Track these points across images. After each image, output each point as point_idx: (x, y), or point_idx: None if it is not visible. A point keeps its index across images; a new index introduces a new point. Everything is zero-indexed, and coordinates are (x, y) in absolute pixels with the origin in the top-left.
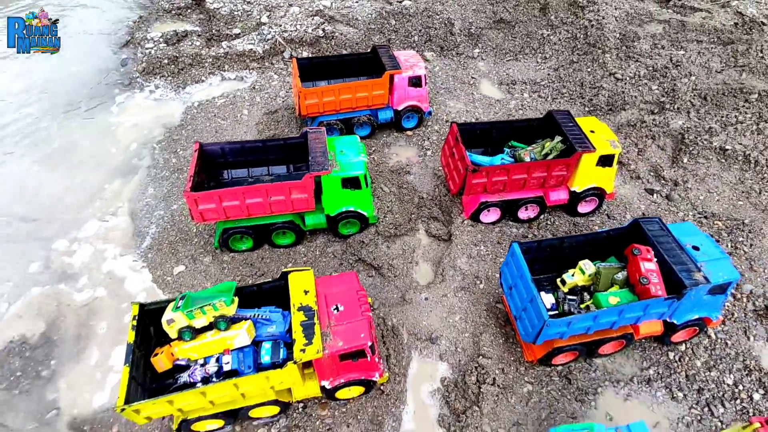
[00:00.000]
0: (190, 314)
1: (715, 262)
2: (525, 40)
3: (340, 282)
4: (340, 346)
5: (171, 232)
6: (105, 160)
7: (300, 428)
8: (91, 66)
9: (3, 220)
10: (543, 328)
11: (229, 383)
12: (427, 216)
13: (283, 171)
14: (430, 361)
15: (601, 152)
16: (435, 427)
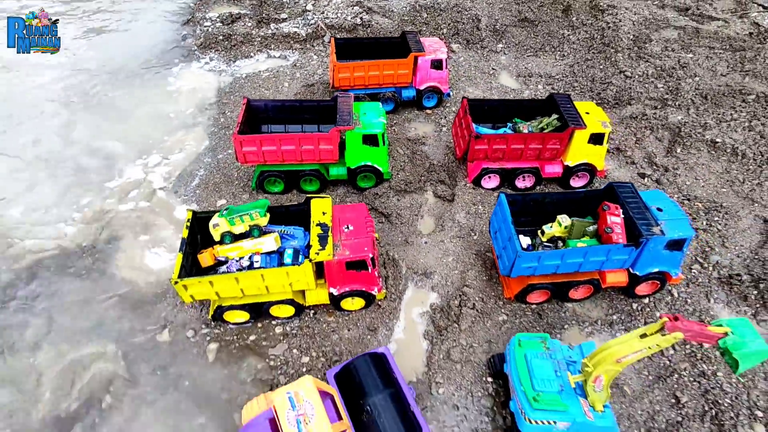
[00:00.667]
0: (231, 221)
1: (674, 221)
2: (546, 38)
3: (353, 209)
4: (346, 255)
5: (216, 175)
6: (166, 117)
7: (309, 328)
8: (157, 40)
9: (78, 155)
10: (516, 260)
11: (257, 272)
12: (436, 179)
13: (314, 130)
14: (422, 291)
15: (591, 130)
16: (420, 339)
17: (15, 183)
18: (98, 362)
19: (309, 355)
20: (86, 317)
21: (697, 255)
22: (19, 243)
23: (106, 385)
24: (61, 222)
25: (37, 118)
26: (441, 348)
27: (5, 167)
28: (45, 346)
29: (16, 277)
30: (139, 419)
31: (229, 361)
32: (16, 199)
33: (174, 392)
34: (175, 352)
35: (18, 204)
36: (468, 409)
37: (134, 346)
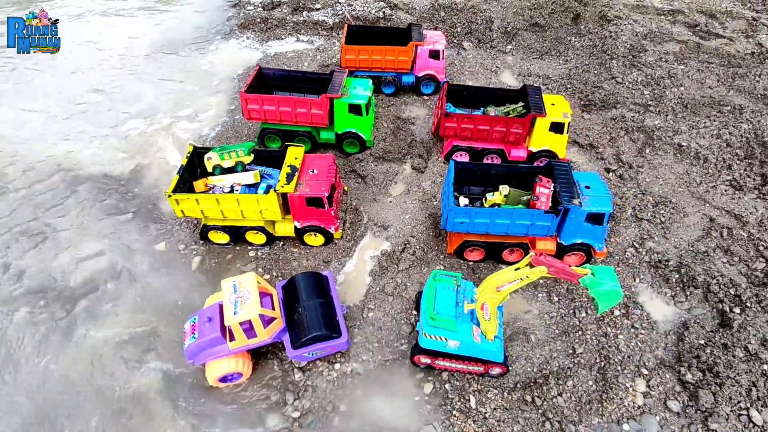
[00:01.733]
0: (221, 155)
1: (597, 198)
2: (553, 43)
3: (321, 159)
4: (306, 191)
5: (229, 131)
6: (202, 82)
7: (276, 255)
8: (204, 19)
9: (126, 105)
10: (449, 214)
11: (234, 196)
12: (416, 154)
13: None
14: (378, 239)
15: (551, 118)
16: (366, 276)
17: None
18: (107, 255)
19: (270, 274)
20: (107, 225)
21: (635, 240)
22: (76, 161)
23: (111, 269)
24: (107, 148)
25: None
26: (379, 282)
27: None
28: (72, 239)
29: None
30: (129, 294)
31: (206, 272)
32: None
33: (161, 282)
34: (167, 260)
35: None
36: (389, 331)
37: (137, 250)
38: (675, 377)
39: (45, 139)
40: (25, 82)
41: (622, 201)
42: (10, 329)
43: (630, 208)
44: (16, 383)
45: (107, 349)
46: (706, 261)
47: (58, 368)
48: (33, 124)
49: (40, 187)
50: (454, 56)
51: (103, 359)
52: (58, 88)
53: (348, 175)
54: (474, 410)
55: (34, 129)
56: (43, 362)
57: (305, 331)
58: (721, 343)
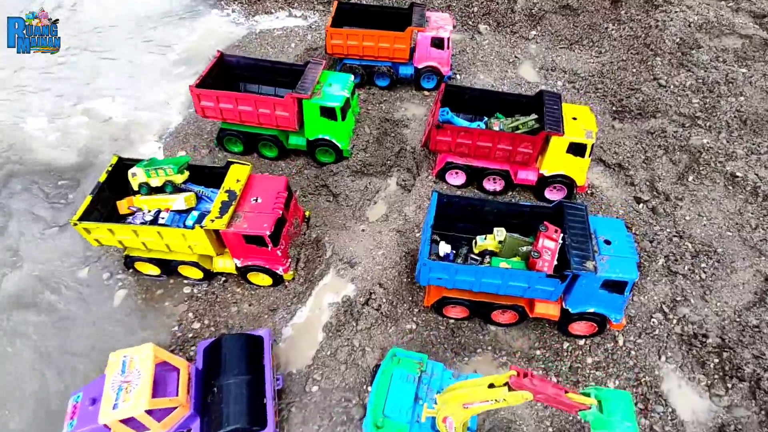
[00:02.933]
0: (147, 173)
1: (619, 260)
2: (586, 30)
3: (270, 182)
4: (244, 227)
5: (192, 125)
6: (172, 57)
7: (213, 295)
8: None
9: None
10: (422, 268)
11: (154, 228)
12: (404, 166)
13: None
14: (342, 280)
15: (570, 138)
16: (318, 330)
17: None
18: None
19: (201, 322)
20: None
21: (665, 302)
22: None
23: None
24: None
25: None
26: (332, 344)
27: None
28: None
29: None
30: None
31: (131, 311)
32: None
33: (72, 321)
34: (87, 291)
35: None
36: (334, 414)
37: (56, 274)
38: None
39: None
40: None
41: (652, 246)
42: None
43: (662, 257)
44: None
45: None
46: (757, 341)
47: None
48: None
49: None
50: (467, 41)
51: None
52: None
53: (318, 191)
54: None
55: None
56: None
57: (219, 422)
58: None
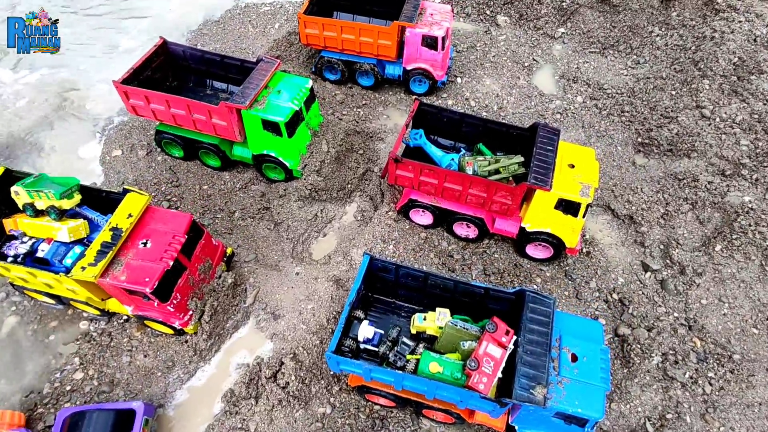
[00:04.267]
0: (29, 194)
1: (584, 387)
2: (625, 33)
3: (170, 220)
4: (122, 280)
5: (138, 119)
6: (147, 30)
7: (110, 337)
8: None
9: None
10: (330, 359)
11: (25, 269)
12: (368, 193)
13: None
14: (260, 335)
15: (560, 194)
16: (217, 398)
17: None
18: None
19: (85, 372)
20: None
21: (650, 417)
22: None
23: None
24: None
25: None
26: (224, 424)
27: None
28: None
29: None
30: None
31: (19, 343)
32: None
33: None
34: None
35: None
36: None
37: None
38: None
39: None
40: None
41: (650, 336)
42: None
43: (659, 354)
44: None
45: None
46: None
47: None
48: None
49: None
50: (480, 35)
51: None
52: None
53: (260, 213)
54: None
55: None
56: None
57: None
58: None
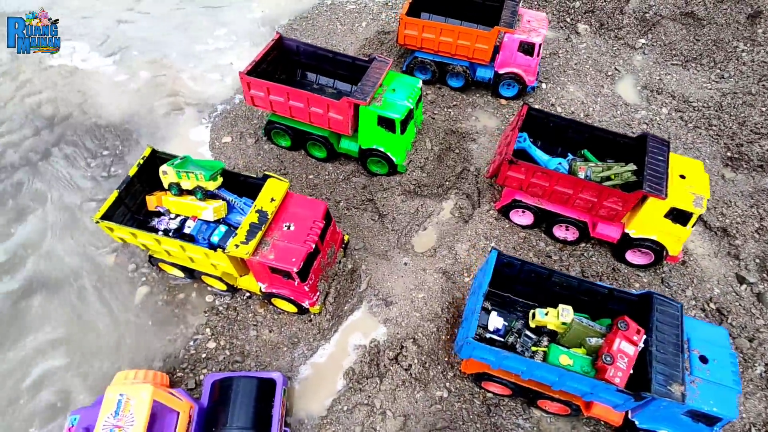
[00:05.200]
0: (178, 174)
1: (717, 388)
2: (709, 47)
3: (308, 206)
4: (270, 258)
5: (243, 107)
6: (237, 26)
7: (236, 311)
8: None
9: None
10: (464, 346)
11: (177, 243)
12: (463, 191)
13: (347, 88)
14: (373, 319)
15: (673, 203)
16: (338, 375)
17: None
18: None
19: (217, 342)
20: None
21: (755, 424)
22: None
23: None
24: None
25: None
26: (350, 399)
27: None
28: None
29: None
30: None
31: (151, 311)
32: None
33: (92, 311)
34: (109, 281)
35: None
36: None
37: (83, 256)
38: None
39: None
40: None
41: (751, 346)
42: None
43: (762, 364)
44: None
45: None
46: None
47: None
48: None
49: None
50: (561, 42)
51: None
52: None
53: (364, 205)
54: None
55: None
56: None
57: None
58: None
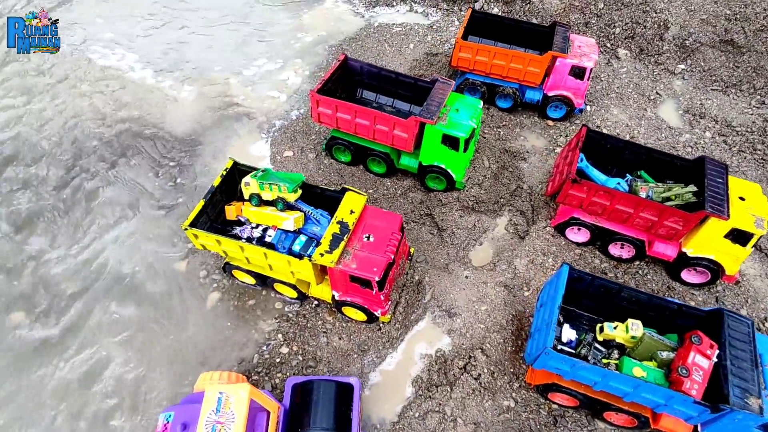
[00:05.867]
0: (261, 185)
1: None
2: (749, 73)
3: (384, 218)
4: (353, 267)
5: (300, 123)
6: (289, 46)
7: (305, 318)
8: None
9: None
10: (541, 355)
11: (261, 250)
12: (517, 207)
13: (405, 107)
14: (437, 329)
15: (735, 224)
16: (407, 382)
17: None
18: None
19: (290, 347)
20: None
21: None
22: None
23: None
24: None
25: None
26: (421, 406)
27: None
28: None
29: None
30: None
31: (222, 315)
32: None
33: (164, 314)
34: (180, 286)
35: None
36: None
37: (155, 262)
38: None
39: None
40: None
41: None
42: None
43: None
44: None
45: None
46: None
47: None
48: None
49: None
50: (602, 67)
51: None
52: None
53: (422, 219)
54: None
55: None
56: None
57: None
58: None
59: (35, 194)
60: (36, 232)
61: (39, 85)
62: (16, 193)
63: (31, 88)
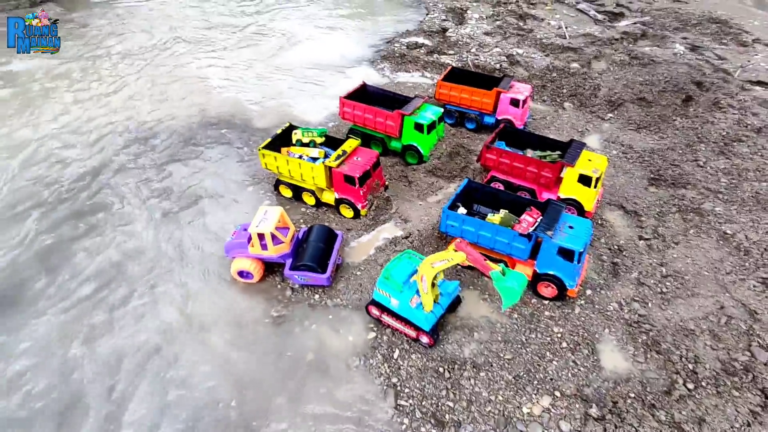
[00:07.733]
0: (303, 133)
1: (573, 239)
2: (655, 119)
3: (368, 153)
4: (344, 169)
5: (333, 123)
6: (336, 91)
7: (318, 216)
8: (363, 50)
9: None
10: (443, 216)
11: (296, 161)
12: (463, 177)
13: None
14: (396, 228)
15: (579, 170)
16: (372, 247)
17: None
18: (210, 178)
19: (308, 225)
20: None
21: (624, 298)
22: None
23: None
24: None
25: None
26: (377, 255)
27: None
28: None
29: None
30: (214, 209)
31: None
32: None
33: (237, 205)
34: (247, 198)
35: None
36: (364, 290)
37: (235, 182)
38: (583, 409)
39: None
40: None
41: (632, 264)
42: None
43: (636, 272)
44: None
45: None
46: (687, 338)
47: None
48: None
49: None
50: (552, 113)
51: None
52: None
53: (399, 179)
54: (394, 360)
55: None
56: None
57: (300, 259)
58: (651, 403)
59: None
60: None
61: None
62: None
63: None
